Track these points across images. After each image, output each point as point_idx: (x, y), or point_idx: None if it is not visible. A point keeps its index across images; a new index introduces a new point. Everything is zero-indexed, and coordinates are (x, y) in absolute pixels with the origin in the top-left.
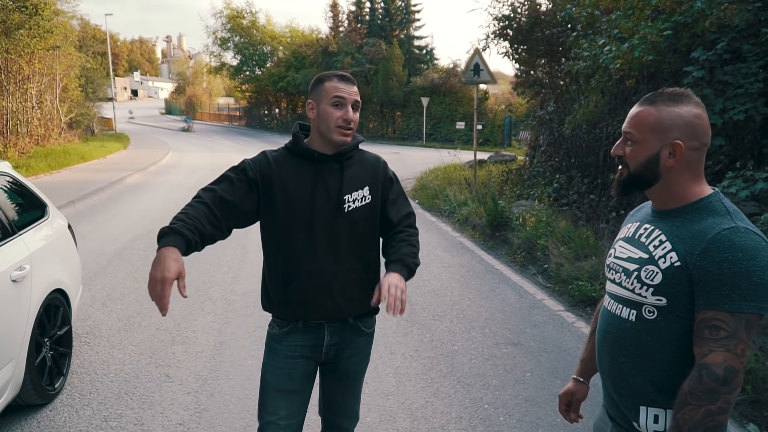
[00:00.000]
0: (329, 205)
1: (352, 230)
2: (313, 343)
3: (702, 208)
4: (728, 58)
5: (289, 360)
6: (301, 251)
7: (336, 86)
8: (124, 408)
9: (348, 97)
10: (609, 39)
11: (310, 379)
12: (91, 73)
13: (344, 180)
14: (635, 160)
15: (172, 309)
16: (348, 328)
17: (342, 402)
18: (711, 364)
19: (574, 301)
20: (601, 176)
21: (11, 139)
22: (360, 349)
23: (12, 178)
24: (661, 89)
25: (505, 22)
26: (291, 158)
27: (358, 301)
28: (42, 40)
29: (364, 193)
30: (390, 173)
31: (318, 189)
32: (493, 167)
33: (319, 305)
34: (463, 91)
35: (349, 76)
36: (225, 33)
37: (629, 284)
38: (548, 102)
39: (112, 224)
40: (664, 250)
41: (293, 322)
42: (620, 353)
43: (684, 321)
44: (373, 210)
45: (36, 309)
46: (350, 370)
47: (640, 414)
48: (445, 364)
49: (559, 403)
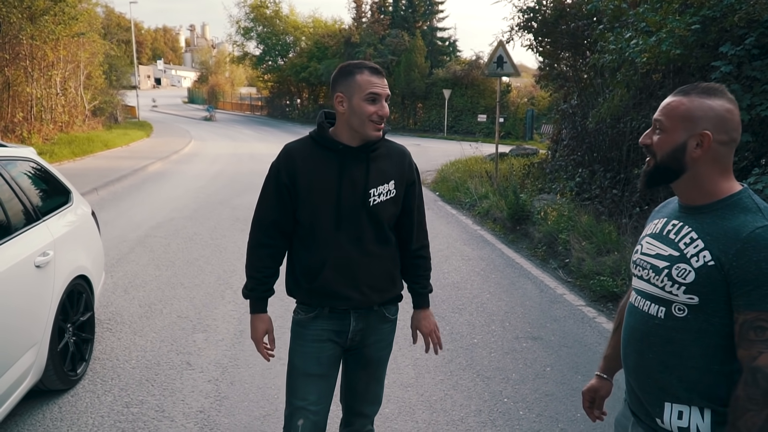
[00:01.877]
0: (354, 198)
1: (377, 222)
2: (339, 328)
3: (732, 205)
4: (757, 53)
5: (317, 344)
6: (328, 243)
7: (370, 80)
8: (145, 394)
9: (382, 92)
10: (636, 32)
11: (336, 363)
12: (115, 60)
13: (370, 174)
14: (662, 149)
15: (193, 297)
16: (373, 314)
17: (365, 388)
18: (765, 366)
19: (596, 297)
20: (624, 171)
21: (35, 125)
22: (384, 335)
23: (37, 164)
24: (696, 83)
25: (530, 14)
26: (315, 149)
27: (385, 290)
28: (67, 27)
29: (390, 187)
30: (415, 169)
31: (344, 182)
32: (514, 160)
33: (346, 296)
34: (485, 83)
35: (379, 69)
36: (248, 22)
37: (659, 281)
38: (571, 95)
39: (135, 212)
40: (696, 248)
41: (319, 308)
42: (648, 350)
43: (715, 319)
44: (397, 203)
45: (59, 295)
46: (374, 357)
47: (664, 410)
48: (464, 357)
49: (582, 399)
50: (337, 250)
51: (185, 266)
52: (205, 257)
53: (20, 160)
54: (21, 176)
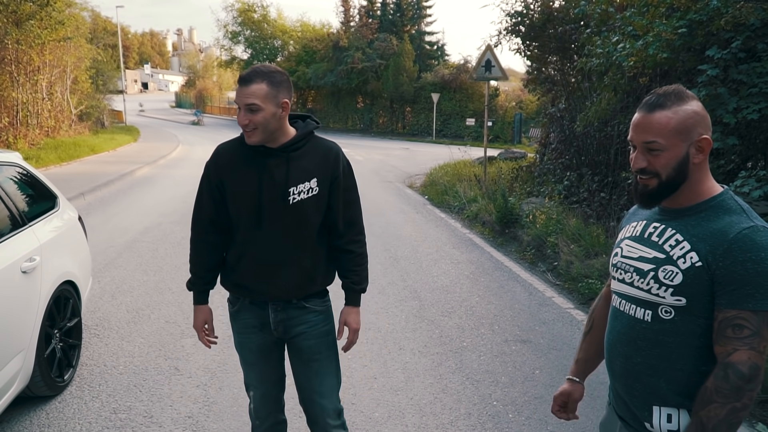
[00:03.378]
0: (275, 197)
1: (299, 221)
2: (260, 319)
3: (716, 206)
4: (743, 57)
5: (242, 335)
6: (248, 239)
7: (236, 91)
8: (133, 400)
9: (240, 101)
10: (623, 36)
11: (270, 351)
12: (102, 65)
13: (290, 172)
14: (667, 167)
15: (181, 302)
16: (292, 306)
17: (308, 384)
18: (737, 362)
19: (584, 299)
20: (612, 174)
21: (21, 130)
22: (313, 324)
23: (23, 169)
24: (655, 91)
25: (518, 18)
26: (242, 149)
27: (302, 287)
28: (53, 32)
29: (311, 185)
30: (342, 164)
31: (264, 182)
32: (503, 164)
33: (261, 290)
34: (473, 87)
35: (247, 75)
36: (236, 26)
37: (644, 284)
38: (559, 99)
39: (122, 217)
40: (682, 250)
41: (240, 299)
42: (635, 354)
43: (701, 320)
44: (321, 200)
45: (46, 300)
46: (304, 346)
47: (653, 414)
48: (453, 361)
49: (552, 404)
50: (256, 246)
51: (173, 271)
52: None
53: (6, 165)
54: (7, 181)
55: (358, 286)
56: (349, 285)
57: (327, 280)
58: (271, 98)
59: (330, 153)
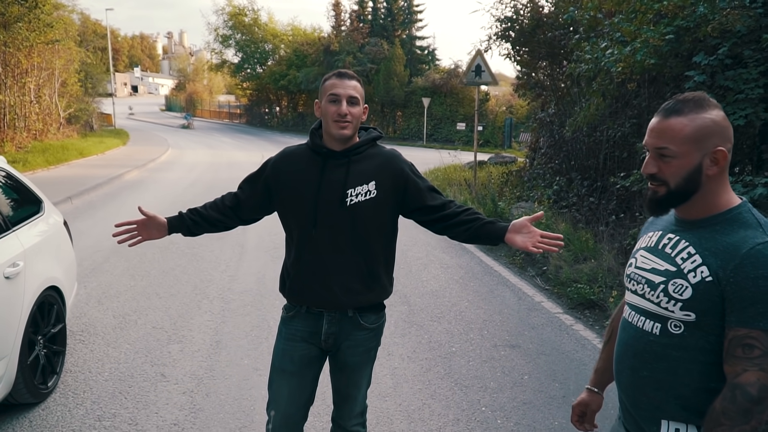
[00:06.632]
0: (333, 199)
1: (355, 224)
2: (312, 329)
3: (732, 219)
4: (729, 63)
5: (289, 342)
6: (305, 242)
7: (333, 83)
8: (118, 407)
9: (342, 92)
10: (611, 42)
11: (311, 363)
12: (91, 68)
13: (349, 175)
14: (677, 175)
15: (168, 307)
16: (347, 320)
17: (345, 391)
18: (746, 384)
19: (573, 304)
20: (601, 179)
21: (8, 133)
22: (360, 342)
23: (6, 173)
24: (676, 96)
25: (508, 23)
26: (306, 153)
27: (357, 293)
28: (41, 34)
29: (369, 188)
30: (405, 166)
31: (323, 184)
32: (493, 168)
33: (317, 294)
34: (464, 92)
35: (346, 72)
36: (227, 30)
37: (654, 297)
38: (549, 104)
39: (110, 221)
40: (693, 264)
41: (297, 307)
42: (642, 367)
43: (712, 337)
44: (379, 204)
45: (29, 306)
46: (348, 362)
47: (661, 428)
48: (442, 366)
49: (572, 413)
50: (311, 248)
51: (161, 276)
52: (181, 266)
53: None
54: None
55: (490, 219)
56: (485, 221)
57: (384, 292)
58: (363, 97)
59: (391, 157)
